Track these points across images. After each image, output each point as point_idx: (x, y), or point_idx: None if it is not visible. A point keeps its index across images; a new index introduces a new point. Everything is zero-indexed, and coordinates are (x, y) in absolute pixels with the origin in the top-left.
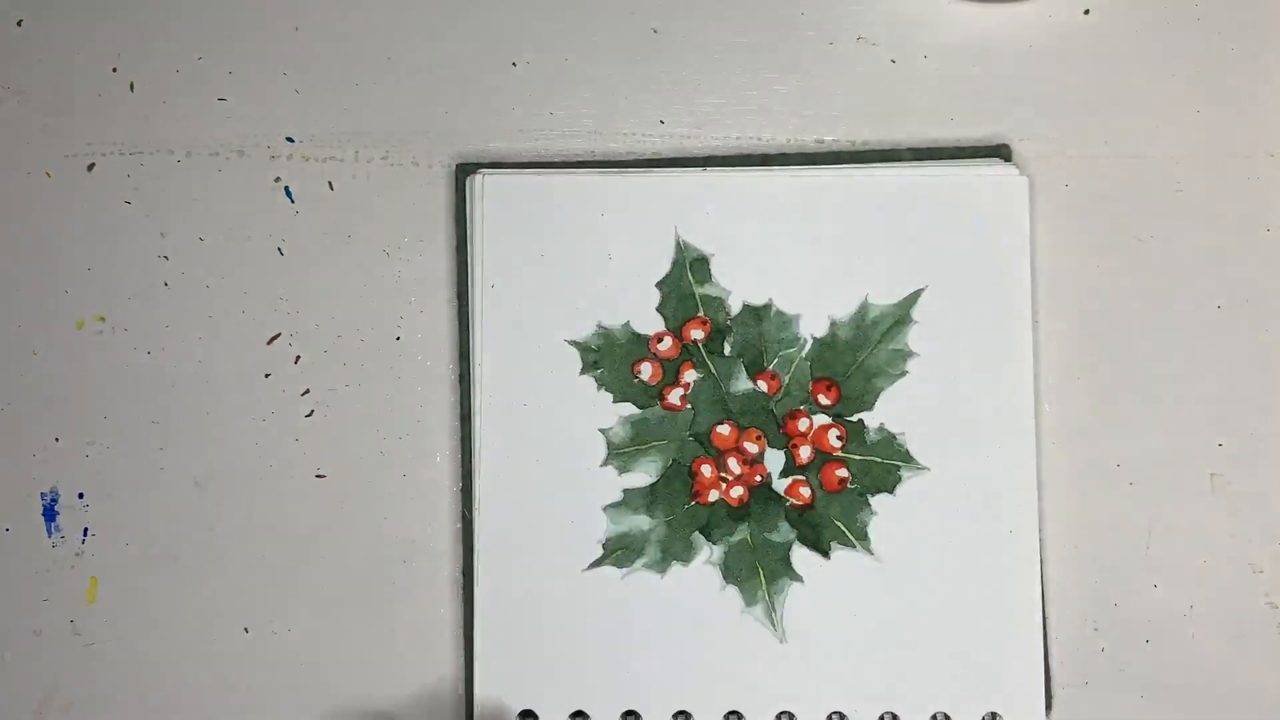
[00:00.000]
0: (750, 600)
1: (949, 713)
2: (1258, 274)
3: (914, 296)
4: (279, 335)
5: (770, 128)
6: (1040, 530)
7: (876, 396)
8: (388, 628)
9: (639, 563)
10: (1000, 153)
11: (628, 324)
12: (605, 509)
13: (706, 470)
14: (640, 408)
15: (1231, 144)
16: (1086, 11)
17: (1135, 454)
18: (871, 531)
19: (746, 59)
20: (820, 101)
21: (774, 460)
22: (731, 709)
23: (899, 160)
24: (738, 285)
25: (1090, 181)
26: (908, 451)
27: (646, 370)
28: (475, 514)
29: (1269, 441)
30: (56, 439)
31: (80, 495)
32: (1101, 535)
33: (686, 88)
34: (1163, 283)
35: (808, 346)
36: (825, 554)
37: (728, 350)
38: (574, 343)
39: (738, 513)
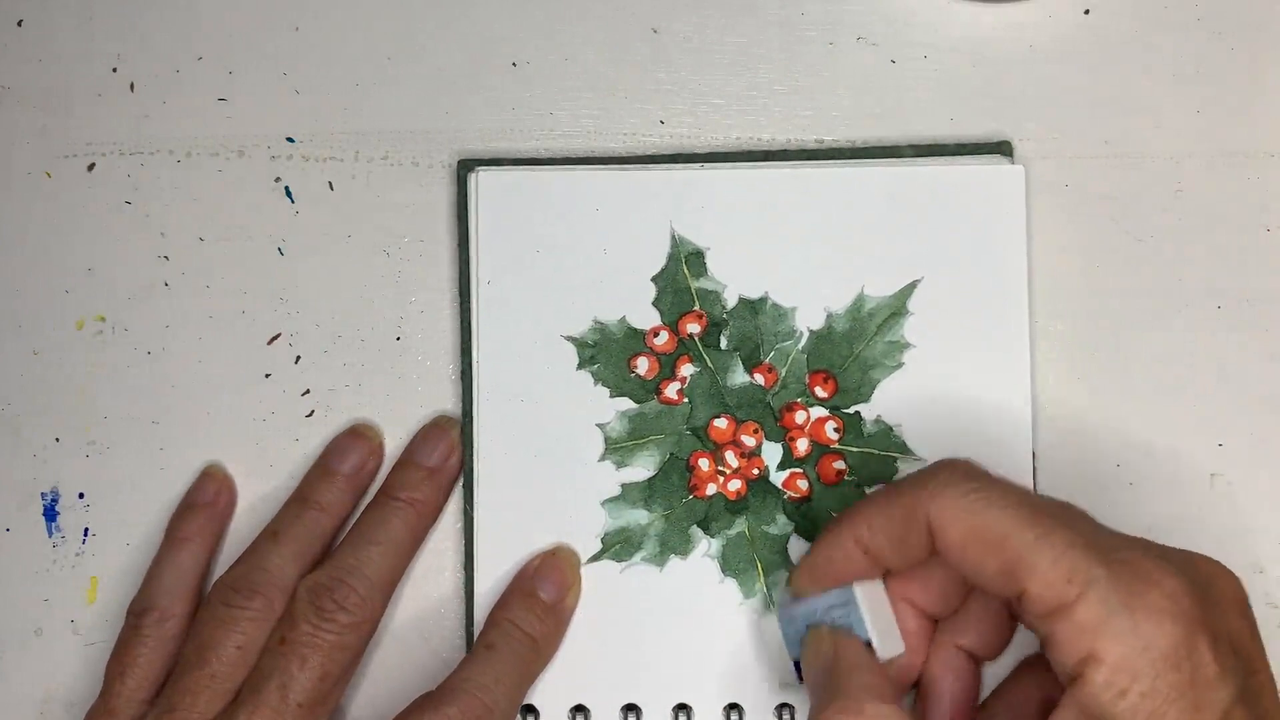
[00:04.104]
0: (748, 592)
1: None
2: (1258, 274)
3: (910, 288)
4: (279, 335)
5: (770, 128)
6: None
7: (873, 388)
8: (390, 623)
9: (637, 556)
10: (1002, 149)
11: (624, 319)
12: (603, 503)
13: (704, 464)
14: (637, 402)
15: (1231, 144)
16: (1086, 11)
17: (1135, 454)
18: None
19: (746, 59)
20: (820, 101)
21: (771, 453)
22: (731, 701)
23: (899, 156)
24: (734, 279)
25: (1090, 181)
26: (904, 443)
27: (643, 365)
28: (475, 509)
29: (1269, 441)
30: (56, 439)
31: (80, 495)
32: None
33: (687, 88)
34: (1163, 283)
35: (804, 339)
36: None
37: (724, 344)
38: (570, 338)
39: (735, 506)
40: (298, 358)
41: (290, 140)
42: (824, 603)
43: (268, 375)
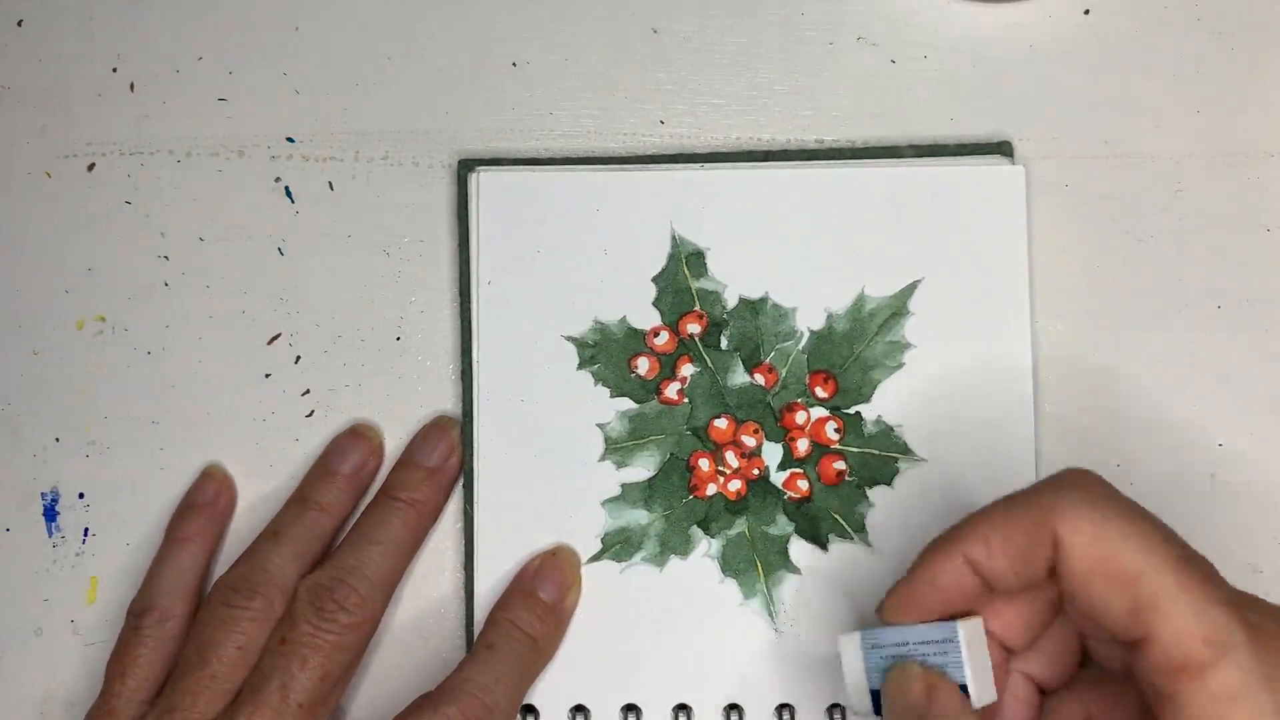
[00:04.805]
0: (749, 593)
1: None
2: (1258, 274)
3: (910, 288)
4: (279, 335)
5: (770, 128)
6: None
7: (874, 389)
8: (390, 623)
9: (638, 556)
10: (1002, 149)
11: (624, 319)
12: (603, 503)
13: (704, 464)
14: (637, 402)
15: (1231, 144)
16: (1086, 11)
17: (1135, 454)
18: (869, 523)
19: (746, 59)
20: (820, 101)
21: (771, 454)
22: (731, 702)
23: (900, 156)
24: (734, 279)
25: (1090, 181)
26: (905, 443)
27: (643, 365)
28: (475, 509)
29: (1269, 441)
30: (56, 439)
31: (80, 495)
32: None
33: (686, 88)
34: (1163, 283)
35: (804, 339)
36: (823, 546)
37: (724, 344)
38: (570, 338)
39: (735, 506)
40: (298, 358)
41: (290, 140)
42: (917, 634)
43: (268, 375)
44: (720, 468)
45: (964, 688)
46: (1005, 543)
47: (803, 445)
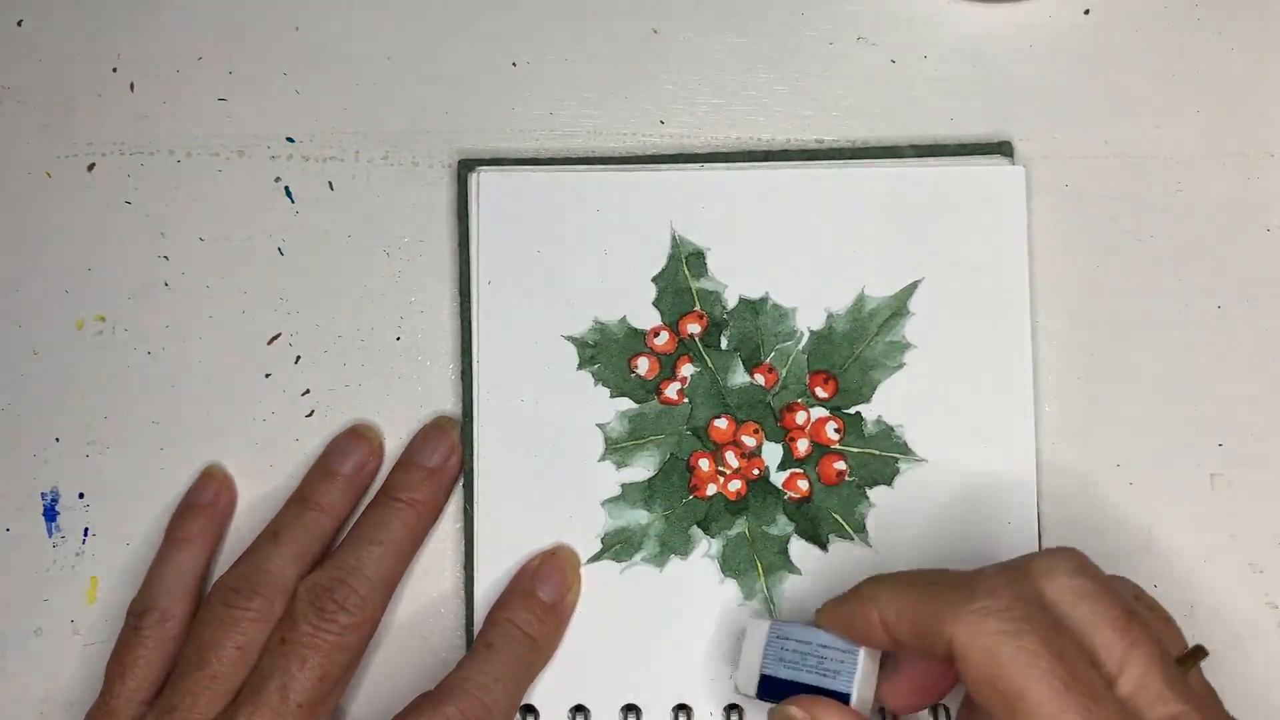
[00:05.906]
0: (749, 593)
1: (948, 706)
2: (1258, 274)
3: (911, 288)
4: (279, 335)
5: (770, 127)
6: (1039, 530)
7: (874, 389)
8: (390, 623)
9: (637, 557)
10: (1002, 149)
11: (624, 319)
12: (603, 504)
13: (704, 464)
14: (637, 402)
15: (1231, 144)
16: (1086, 11)
17: (1135, 454)
18: (869, 524)
19: (746, 59)
20: (820, 101)
21: (771, 454)
22: (731, 702)
23: (900, 156)
24: (734, 279)
25: (1090, 181)
26: (905, 444)
27: (643, 365)
28: (475, 509)
29: (1269, 441)
30: (56, 439)
31: (80, 495)
32: (1101, 535)
33: (686, 88)
34: (1163, 283)
35: (805, 339)
36: (823, 546)
37: (724, 344)
38: (570, 338)
39: (736, 506)
40: (298, 358)
41: (290, 140)
42: (825, 639)
43: (268, 375)
44: (720, 468)
45: (846, 697)
46: (907, 621)
47: (803, 445)
